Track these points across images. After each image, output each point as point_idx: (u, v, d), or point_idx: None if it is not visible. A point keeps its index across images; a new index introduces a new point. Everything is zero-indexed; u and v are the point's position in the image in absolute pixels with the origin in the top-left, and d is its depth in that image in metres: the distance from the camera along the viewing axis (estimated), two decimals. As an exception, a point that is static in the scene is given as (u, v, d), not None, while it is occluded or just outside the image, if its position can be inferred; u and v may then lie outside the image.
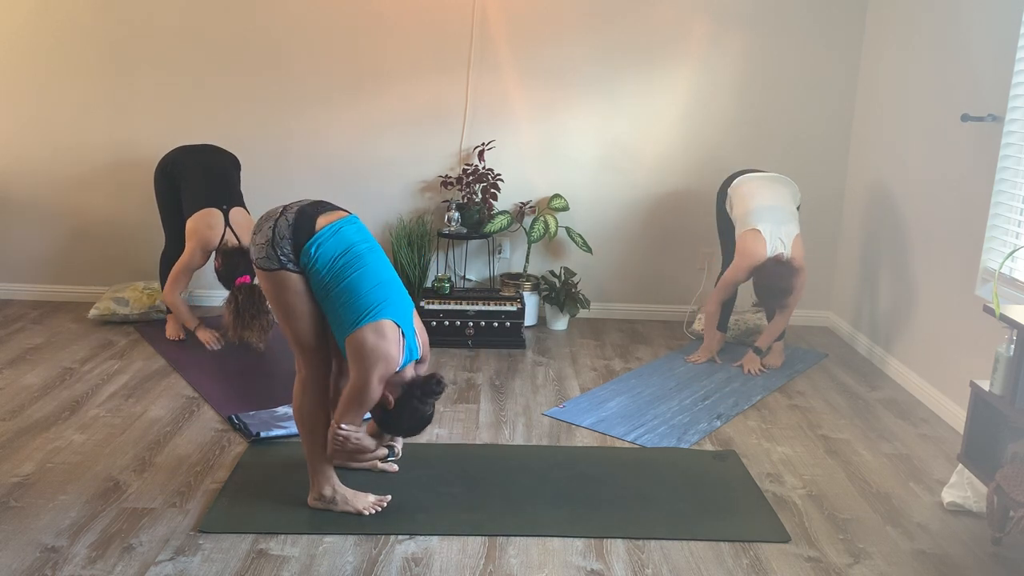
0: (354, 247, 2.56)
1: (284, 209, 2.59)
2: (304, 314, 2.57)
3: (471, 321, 4.35)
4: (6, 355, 3.97)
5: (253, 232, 2.60)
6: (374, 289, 2.52)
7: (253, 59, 4.59)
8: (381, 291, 2.53)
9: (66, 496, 2.73)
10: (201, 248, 4.03)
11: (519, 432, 3.36)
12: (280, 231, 2.53)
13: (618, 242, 4.84)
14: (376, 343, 2.47)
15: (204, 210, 4.06)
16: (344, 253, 2.54)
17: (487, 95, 4.65)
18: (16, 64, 4.57)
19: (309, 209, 2.59)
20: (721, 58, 4.62)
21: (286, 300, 2.56)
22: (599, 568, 2.46)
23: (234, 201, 4.16)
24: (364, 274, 2.53)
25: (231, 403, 3.49)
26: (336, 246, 2.54)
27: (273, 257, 2.52)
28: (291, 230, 2.53)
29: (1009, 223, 3.31)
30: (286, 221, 2.54)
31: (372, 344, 2.47)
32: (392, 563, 2.45)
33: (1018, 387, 2.59)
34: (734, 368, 4.12)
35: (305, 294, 2.56)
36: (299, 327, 2.58)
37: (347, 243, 2.56)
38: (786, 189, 4.09)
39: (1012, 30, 3.26)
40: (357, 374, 2.50)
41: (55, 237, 4.79)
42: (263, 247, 2.54)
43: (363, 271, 2.53)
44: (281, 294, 2.56)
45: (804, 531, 2.70)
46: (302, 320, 2.58)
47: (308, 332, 2.59)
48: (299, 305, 2.57)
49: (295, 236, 2.52)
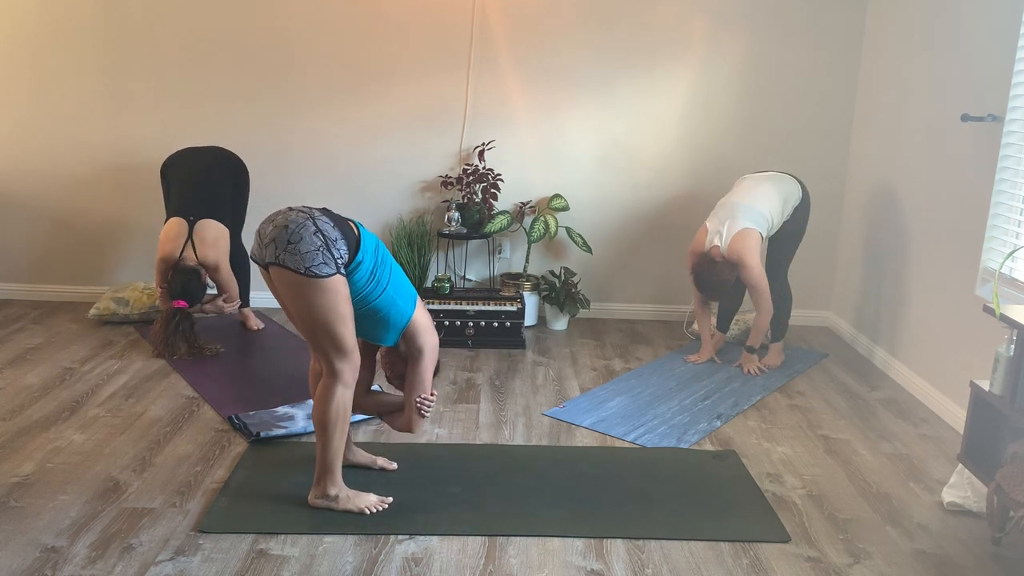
0: (378, 242, 2.71)
1: (310, 215, 2.53)
2: (351, 317, 2.57)
3: (471, 321, 4.35)
4: (6, 355, 3.97)
5: (287, 242, 2.47)
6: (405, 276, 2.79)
7: (254, 59, 4.59)
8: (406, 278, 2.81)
9: (66, 496, 2.73)
10: (161, 261, 3.99)
11: (519, 432, 3.36)
12: (330, 235, 2.50)
13: (618, 242, 4.84)
14: (425, 320, 2.76)
15: (171, 220, 4.04)
16: (377, 247, 2.68)
17: (487, 95, 4.66)
18: (16, 64, 4.58)
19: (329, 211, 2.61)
20: (721, 58, 4.62)
21: (337, 306, 2.52)
22: (599, 568, 2.46)
23: (207, 213, 4.05)
24: (395, 265, 2.75)
25: (231, 403, 3.49)
26: (371, 242, 2.65)
27: (330, 261, 2.48)
28: (339, 231, 2.53)
29: (1009, 223, 3.31)
30: (327, 224, 2.52)
31: (424, 321, 2.75)
32: (392, 563, 2.45)
33: (1018, 387, 2.59)
34: (734, 368, 4.12)
35: (349, 297, 2.56)
36: (346, 331, 2.55)
37: (374, 238, 2.69)
38: (772, 188, 4.02)
39: (1012, 30, 3.26)
40: (427, 346, 2.73)
41: (55, 237, 4.79)
42: (315, 254, 2.46)
43: (394, 263, 2.75)
44: (332, 301, 2.51)
45: (804, 531, 2.70)
46: (349, 324, 2.56)
47: (352, 334, 2.58)
48: (348, 309, 2.55)
49: (347, 236, 2.55)
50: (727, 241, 3.92)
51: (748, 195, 4.00)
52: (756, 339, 4.09)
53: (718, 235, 3.95)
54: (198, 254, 4.00)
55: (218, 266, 4.03)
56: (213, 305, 4.14)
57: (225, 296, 4.15)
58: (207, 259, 4.00)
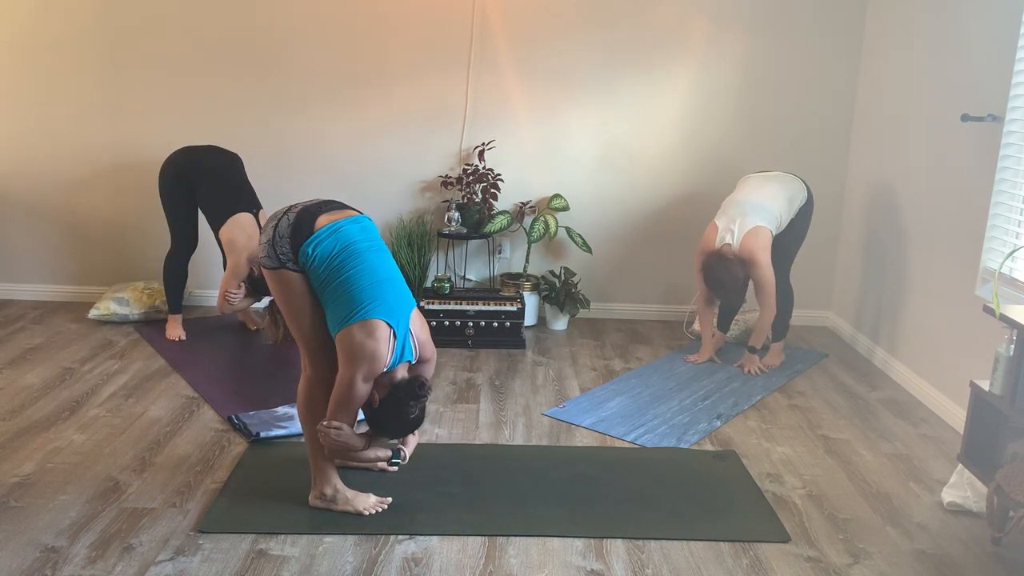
0: (352, 245, 2.56)
1: (288, 209, 2.62)
2: (306, 313, 2.60)
3: (471, 321, 4.35)
4: (6, 355, 3.97)
5: (261, 231, 2.64)
6: (368, 287, 2.52)
7: (254, 59, 4.59)
8: (375, 290, 2.52)
9: (66, 496, 2.73)
10: (248, 258, 3.94)
11: (519, 432, 3.36)
12: (280, 230, 2.56)
13: (618, 242, 4.84)
14: (363, 341, 2.47)
15: (236, 216, 4.00)
16: (341, 252, 2.54)
17: (487, 95, 4.66)
18: (17, 64, 4.57)
19: (313, 208, 2.61)
20: (721, 58, 4.62)
21: (288, 298, 2.60)
22: (599, 568, 2.46)
23: (258, 203, 4.16)
24: (359, 272, 2.53)
25: (231, 403, 3.49)
26: (333, 245, 2.54)
27: (273, 256, 2.56)
28: (290, 229, 2.55)
29: (1009, 223, 3.31)
30: (287, 221, 2.57)
31: (359, 342, 2.47)
32: (392, 563, 2.45)
33: (1018, 387, 2.59)
34: (734, 368, 4.11)
35: (307, 293, 2.59)
36: (302, 325, 2.61)
37: (346, 242, 2.56)
38: (778, 187, 4.04)
39: (1012, 30, 3.26)
40: (343, 371, 2.51)
41: (55, 237, 4.79)
42: (265, 246, 2.58)
43: (358, 269, 2.53)
44: (283, 292, 2.60)
45: (804, 531, 2.70)
46: (304, 319, 2.61)
47: (310, 330, 2.61)
48: (301, 304, 2.60)
49: (294, 236, 2.55)
50: (739, 238, 3.92)
51: (756, 193, 4.00)
52: (758, 339, 4.09)
53: (729, 233, 3.94)
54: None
55: None
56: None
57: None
58: None
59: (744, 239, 3.90)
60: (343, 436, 2.56)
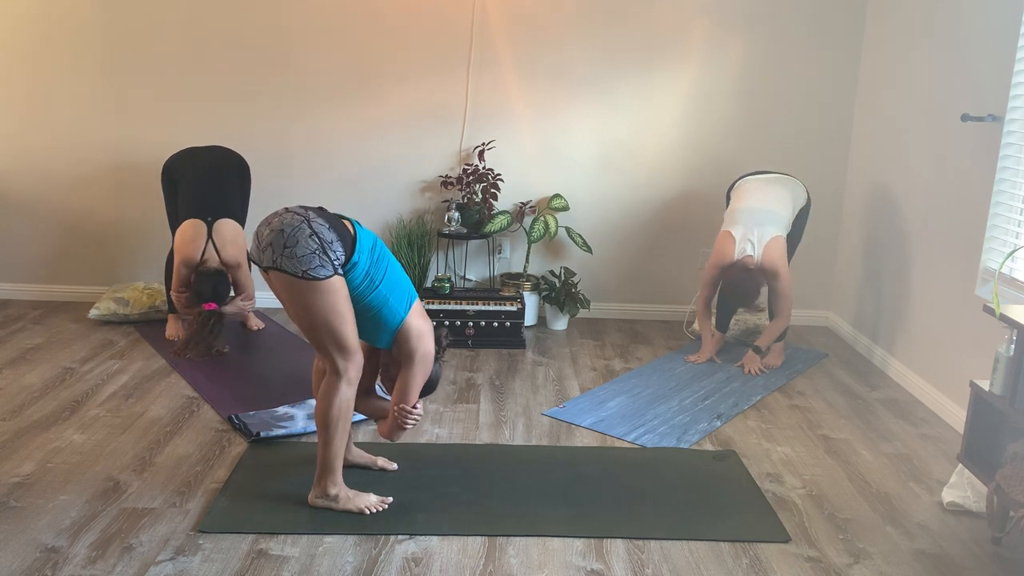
0: (376, 240, 2.70)
1: (306, 216, 2.54)
2: (351, 316, 2.59)
3: (471, 321, 4.35)
4: (6, 355, 3.97)
5: (284, 246, 2.48)
6: (403, 274, 2.76)
7: (254, 59, 4.59)
8: (404, 275, 2.77)
9: (66, 496, 2.73)
10: (183, 264, 3.96)
11: (519, 432, 3.36)
12: (325, 236, 2.51)
13: (618, 242, 4.84)
14: (423, 320, 2.72)
15: (188, 222, 4.00)
16: (374, 247, 2.66)
17: (487, 95, 4.66)
18: (16, 64, 4.58)
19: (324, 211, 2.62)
20: (721, 58, 4.62)
21: (337, 306, 2.54)
22: (599, 568, 2.46)
23: (223, 212, 4.05)
24: (393, 262, 2.72)
25: (231, 403, 3.49)
26: (369, 242, 2.65)
27: (327, 263, 2.50)
28: (336, 234, 2.54)
29: (1009, 223, 3.31)
30: (322, 226, 2.53)
31: (422, 322, 2.71)
32: (392, 563, 2.45)
33: (1018, 387, 2.59)
34: (734, 368, 4.12)
35: (348, 296, 2.58)
36: (348, 330, 2.57)
37: (371, 237, 2.68)
38: (783, 190, 4.06)
39: (1012, 30, 3.26)
40: (418, 350, 2.68)
41: (55, 237, 4.80)
42: (312, 257, 2.48)
43: (392, 260, 2.72)
44: (332, 302, 2.53)
45: (804, 531, 2.70)
46: (351, 322, 2.58)
47: (354, 333, 2.60)
48: (348, 308, 2.57)
49: (343, 239, 2.55)
50: (761, 250, 3.93)
51: (766, 200, 4.02)
52: (767, 341, 4.11)
53: (749, 244, 3.95)
54: (221, 254, 3.99)
55: (239, 264, 4.03)
56: (234, 306, 4.11)
57: (243, 295, 4.13)
58: (230, 258, 3.99)
59: (766, 251, 3.93)
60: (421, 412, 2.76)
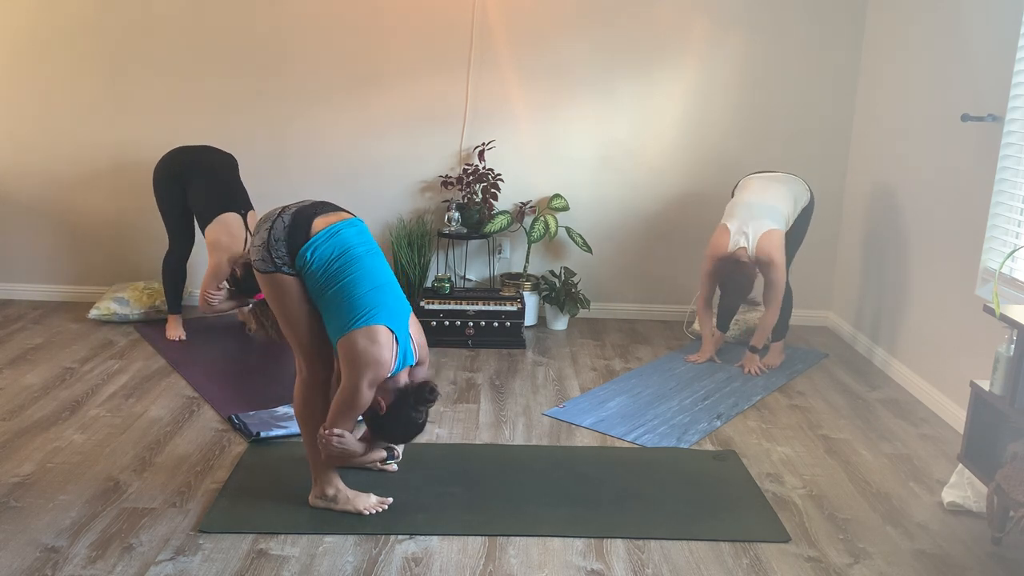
0: (351, 250, 2.55)
1: (282, 211, 2.59)
2: (301, 317, 2.58)
3: (471, 321, 4.35)
4: (6, 355, 3.97)
5: (252, 234, 2.59)
6: (369, 293, 2.51)
7: (253, 59, 4.59)
8: (376, 295, 2.52)
9: (66, 496, 2.73)
10: (229, 259, 3.94)
11: (519, 432, 3.36)
12: (276, 234, 2.53)
13: (618, 242, 4.84)
14: (367, 347, 2.46)
15: (223, 216, 3.99)
16: (340, 256, 2.53)
17: (487, 95, 4.65)
18: (17, 64, 4.57)
19: (308, 211, 2.59)
20: (721, 58, 4.62)
21: (282, 302, 2.57)
22: (599, 568, 2.46)
23: (249, 204, 4.12)
24: (359, 278, 2.52)
25: (231, 403, 3.49)
26: (332, 249, 2.53)
27: (268, 260, 2.53)
28: (286, 232, 2.53)
29: (1009, 223, 3.31)
30: (282, 223, 2.54)
31: (363, 348, 2.46)
32: (392, 563, 2.45)
33: (1018, 387, 2.59)
34: (734, 368, 4.12)
35: (301, 297, 2.56)
36: (298, 329, 2.59)
37: (344, 246, 2.55)
38: (784, 188, 4.06)
39: (1012, 30, 3.26)
40: (347, 378, 2.49)
41: (55, 237, 4.79)
42: (259, 249, 2.54)
43: (358, 275, 2.52)
44: (277, 296, 2.57)
45: (804, 531, 2.70)
46: (299, 323, 2.58)
47: (305, 334, 2.59)
48: (295, 308, 2.57)
49: (290, 239, 2.52)
50: (754, 242, 3.93)
51: (764, 195, 4.01)
52: (761, 338, 4.10)
53: (743, 236, 3.94)
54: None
55: None
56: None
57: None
58: None
59: (760, 242, 3.92)
60: (344, 443, 2.56)
